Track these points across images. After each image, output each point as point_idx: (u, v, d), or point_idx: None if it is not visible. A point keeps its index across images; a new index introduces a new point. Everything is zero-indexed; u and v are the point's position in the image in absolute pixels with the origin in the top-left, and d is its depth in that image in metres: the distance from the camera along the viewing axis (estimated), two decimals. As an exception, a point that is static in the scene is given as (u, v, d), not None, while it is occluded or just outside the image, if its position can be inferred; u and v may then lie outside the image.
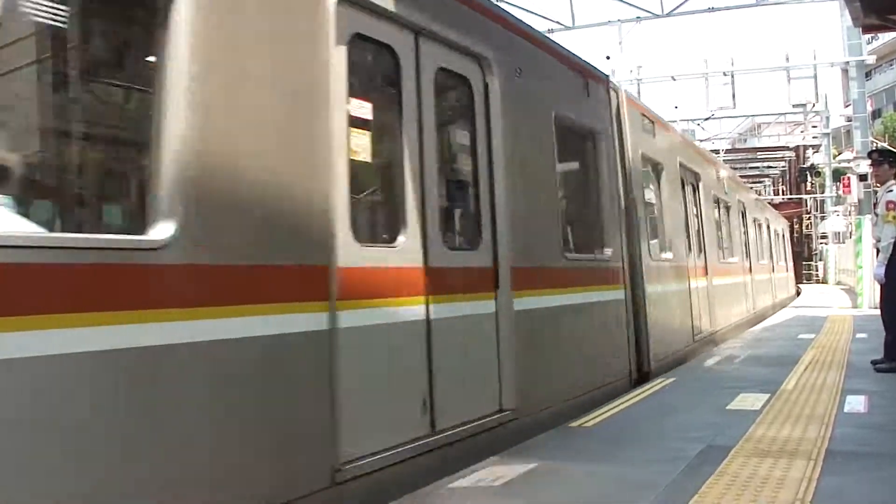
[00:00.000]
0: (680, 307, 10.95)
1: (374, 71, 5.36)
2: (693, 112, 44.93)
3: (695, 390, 7.80)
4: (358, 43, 4.74)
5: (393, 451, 4.59)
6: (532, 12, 25.29)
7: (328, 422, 4.15)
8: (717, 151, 38.78)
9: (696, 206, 12.84)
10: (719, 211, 15.51)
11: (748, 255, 18.53)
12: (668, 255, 10.54)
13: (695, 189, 12.94)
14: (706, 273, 12.74)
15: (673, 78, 32.45)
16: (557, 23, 26.71)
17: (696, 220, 12.72)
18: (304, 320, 4.05)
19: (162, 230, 3.37)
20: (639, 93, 30.19)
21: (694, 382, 8.37)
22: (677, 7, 26.21)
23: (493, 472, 4.81)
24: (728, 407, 6.74)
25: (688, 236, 11.88)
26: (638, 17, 27.04)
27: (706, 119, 37.28)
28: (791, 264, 32.55)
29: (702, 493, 4.21)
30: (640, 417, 6.56)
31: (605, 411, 6.77)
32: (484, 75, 6.00)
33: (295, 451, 3.98)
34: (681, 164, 11.95)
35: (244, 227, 3.80)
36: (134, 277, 3.29)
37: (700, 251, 12.61)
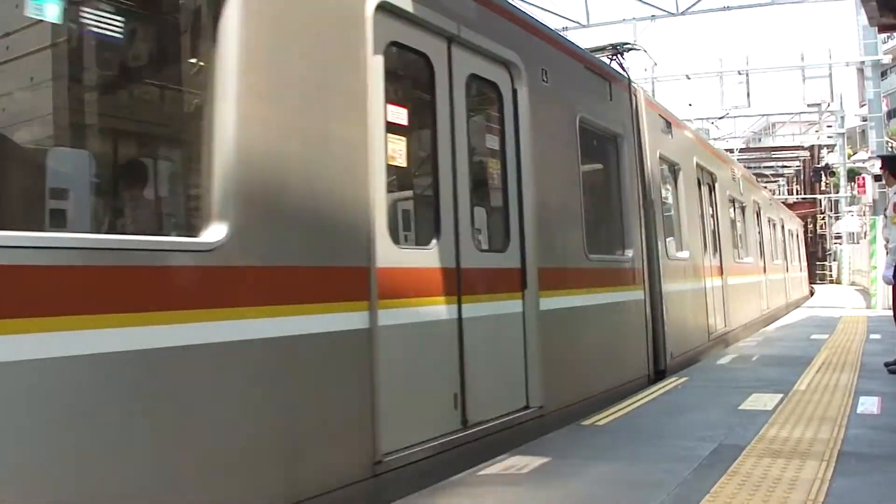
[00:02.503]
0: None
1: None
2: (707, 110, 44.76)
3: (707, 390, 7.80)
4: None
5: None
6: (547, 10, 25.26)
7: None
8: (731, 150, 38.60)
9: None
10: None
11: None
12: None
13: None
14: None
15: (687, 76, 32.33)
16: (572, 21, 26.66)
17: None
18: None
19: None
20: (653, 91, 30.10)
21: (706, 382, 8.36)
22: (692, 5, 26.10)
23: (504, 468, 4.84)
24: (740, 407, 6.74)
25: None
26: (653, 16, 26.93)
27: (720, 118, 37.13)
28: (805, 264, 32.43)
29: (713, 492, 4.22)
30: (652, 416, 6.56)
31: (618, 409, 6.79)
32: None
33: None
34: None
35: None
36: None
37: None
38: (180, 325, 3.35)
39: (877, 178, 26.76)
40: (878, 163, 20.30)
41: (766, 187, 28.75)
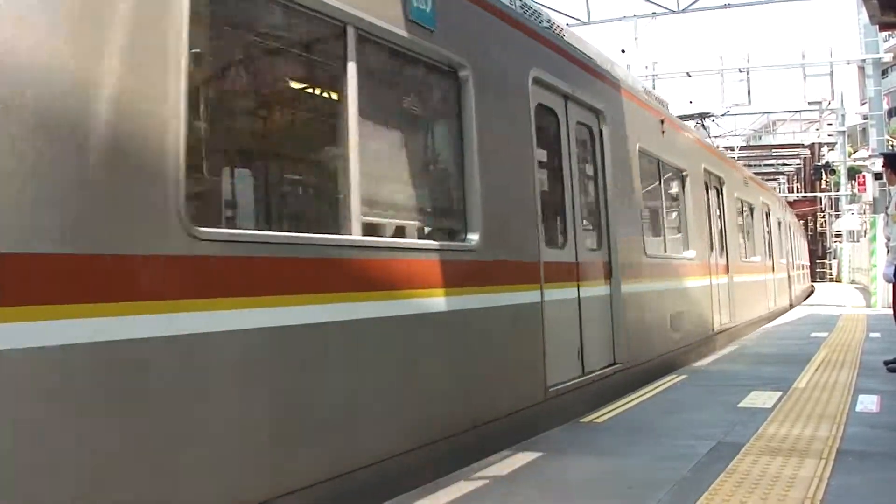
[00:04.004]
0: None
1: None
2: (708, 108, 44.68)
3: (706, 387, 7.81)
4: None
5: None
6: (548, 7, 25.18)
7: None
8: (731, 148, 38.62)
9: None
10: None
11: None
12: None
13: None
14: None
15: (688, 74, 32.33)
16: (573, 18, 26.63)
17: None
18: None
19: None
20: (654, 88, 30.06)
21: (705, 379, 8.37)
22: (693, 3, 26.10)
23: (504, 464, 4.85)
24: (739, 405, 6.74)
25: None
26: (654, 13, 26.96)
27: (721, 115, 37.12)
28: (807, 262, 32.64)
29: (712, 490, 4.22)
30: (650, 414, 6.57)
31: (616, 407, 6.79)
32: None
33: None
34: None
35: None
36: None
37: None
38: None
39: (877, 176, 26.76)
40: (879, 161, 20.31)
41: (774, 188, 29.16)
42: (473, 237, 5.66)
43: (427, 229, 5.81)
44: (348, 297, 4.39)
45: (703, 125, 17.88)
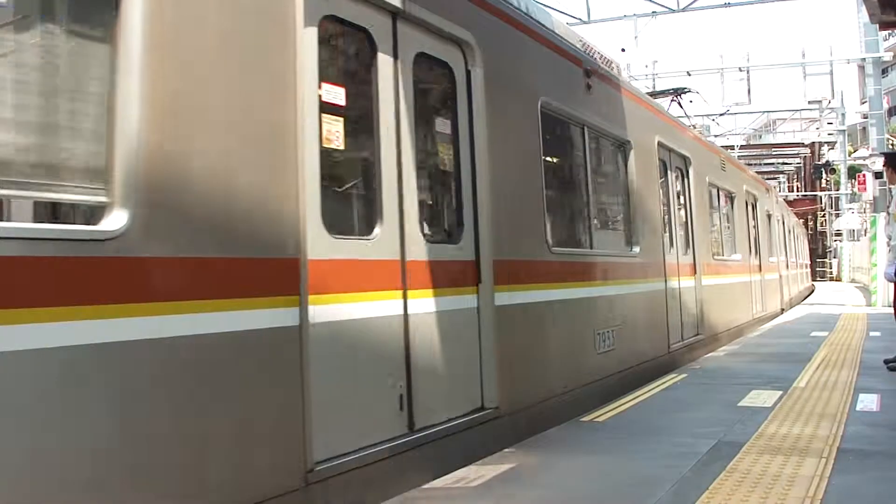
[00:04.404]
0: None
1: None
2: (708, 107, 44.67)
3: (706, 386, 7.80)
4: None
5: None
6: (549, 7, 25.16)
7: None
8: (731, 147, 38.58)
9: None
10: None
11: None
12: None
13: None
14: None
15: (688, 73, 32.30)
16: (573, 17, 26.62)
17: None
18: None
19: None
20: (654, 87, 30.03)
21: (705, 378, 8.37)
22: (693, 2, 26.07)
23: (503, 464, 4.84)
24: (740, 403, 6.73)
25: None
26: (654, 12, 26.92)
27: (721, 115, 37.12)
28: (807, 260, 32.78)
29: (712, 489, 4.21)
30: (651, 413, 6.56)
31: (617, 406, 6.79)
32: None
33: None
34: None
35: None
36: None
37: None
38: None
39: (877, 175, 26.72)
40: (880, 160, 20.30)
41: (774, 186, 28.94)
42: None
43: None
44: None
45: (678, 103, 15.46)
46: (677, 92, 15.37)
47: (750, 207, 16.55)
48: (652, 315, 9.44)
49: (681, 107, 15.35)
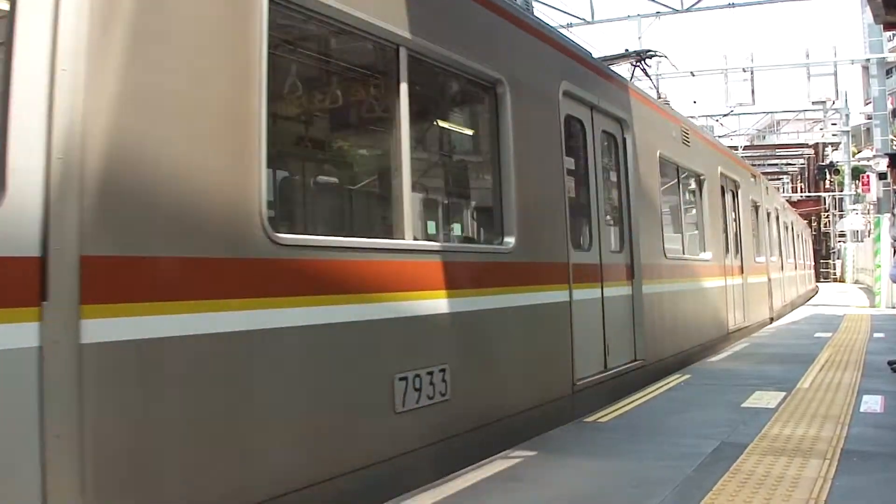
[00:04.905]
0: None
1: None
2: (712, 108, 44.65)
3: (710, 387, 7.79)
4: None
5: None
6: (553, 7, 25.14)
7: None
8: (735, 148, 38.55)
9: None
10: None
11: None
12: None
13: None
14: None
15: (692, 73, 32.26)
16: (577, 17, 26.61)
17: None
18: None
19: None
20: (658, 88, 30.00)
21: (709, 379, 8.36)
22: (697, 2, 26.03)
23: (506, 464, 4.84)
24: (743, 405, 6.73)
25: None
26: (658, 13, 26.85)
27: (725, 115, 37.08)
28: (810, 260, 32.96)
29: (716, 490, 4.21)
30: (654, 413, 6.56)
31: (620, 407, 6.79)
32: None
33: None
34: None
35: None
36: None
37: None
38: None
39: (881, 176, 26.67)
40: (884, 161, 20.27)
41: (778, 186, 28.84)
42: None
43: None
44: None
45: (643, 69, 12.70)
46: (640, 55, 12.81)
47: (728, 195, 13.70)
48: (538, 340, 6.67)
49: (645, 73, 13.05)
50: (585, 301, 7.32)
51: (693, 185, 12.00)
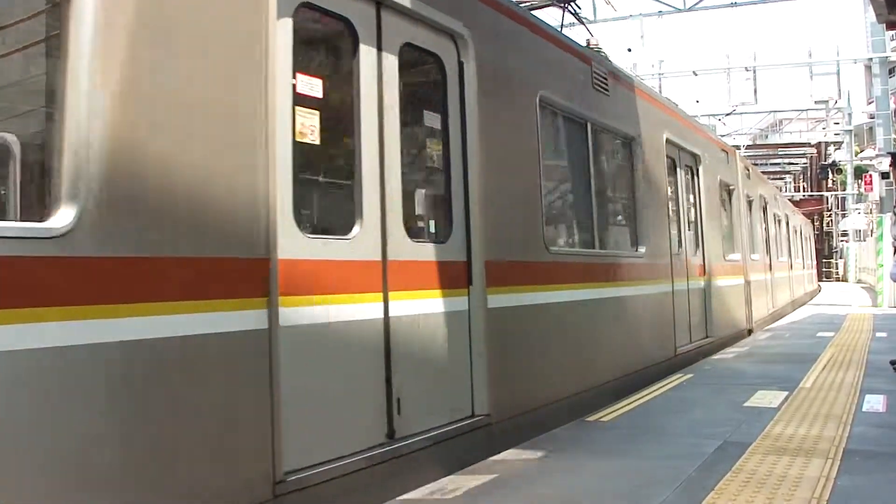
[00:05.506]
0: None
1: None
2: (714, 107, 44.60)
3: (712, 387, 7.79)
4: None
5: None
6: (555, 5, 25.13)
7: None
8: (738, 147, 38.54)
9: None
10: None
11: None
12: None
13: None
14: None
15: (694, 73, 32.27)
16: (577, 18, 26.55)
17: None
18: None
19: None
20: (660, 87, 30.02)
21: (711, 379, 8.36)
22: (699, 2, 26.03)
23: (507, 464, 4.85)
24: (745, 404, 6.73)
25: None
26: (660, 12, 26.88)
27: (728, 114, 37.06)
28: (812, 259, 32.95)
29: (718, 489, 4.21)
30: (656, 413, 6.56)
31: (622, 406, 6.78)
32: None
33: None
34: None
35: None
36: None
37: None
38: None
39: (884, 175, 26.66)
40: (886, 160, 20.25)
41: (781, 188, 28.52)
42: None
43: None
44: None
45: (571, 13, 10.40)
46: None
47: (682, 171, 10.92)
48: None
49: (576, 17, 10.83)
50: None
51: (619, 151, 9.07)
